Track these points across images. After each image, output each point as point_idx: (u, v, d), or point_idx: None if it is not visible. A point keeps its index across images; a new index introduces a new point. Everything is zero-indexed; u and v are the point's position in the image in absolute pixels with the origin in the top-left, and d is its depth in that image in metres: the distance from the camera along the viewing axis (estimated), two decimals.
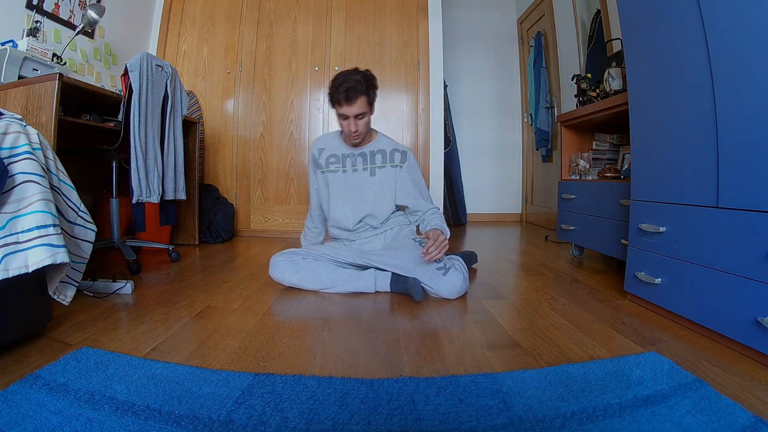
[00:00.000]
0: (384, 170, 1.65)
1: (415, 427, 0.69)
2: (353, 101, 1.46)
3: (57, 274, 1.04)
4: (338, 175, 1.66)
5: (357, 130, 1.53)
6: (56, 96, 1.49)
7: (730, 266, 1.00)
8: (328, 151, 1.69)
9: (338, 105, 1.49)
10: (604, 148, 2.07)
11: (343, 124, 1.54)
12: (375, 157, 1.65)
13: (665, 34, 1.22)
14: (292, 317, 1.25)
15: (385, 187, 1.65)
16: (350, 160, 1.66)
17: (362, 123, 1.53)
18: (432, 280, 1.41)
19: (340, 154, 1.67)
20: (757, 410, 0.73)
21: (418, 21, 2.91)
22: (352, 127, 1.52)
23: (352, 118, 1.50)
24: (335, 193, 1.67)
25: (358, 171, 1.65)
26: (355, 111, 1.48)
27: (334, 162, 1.67)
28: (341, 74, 1.50)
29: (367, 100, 1.50)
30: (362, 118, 1.52)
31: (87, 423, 0.67)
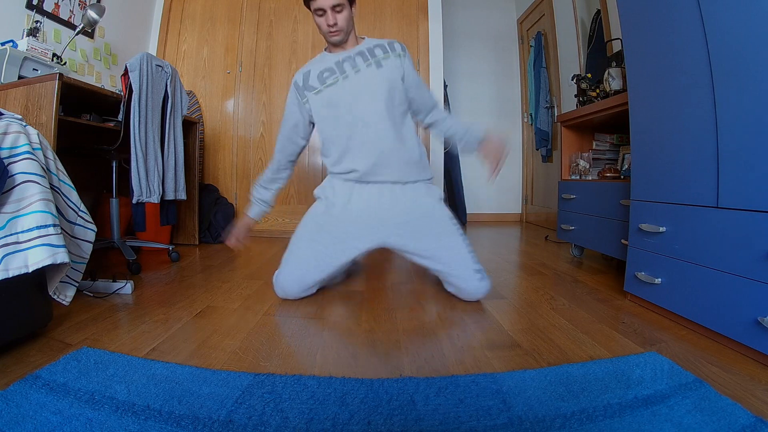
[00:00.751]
0: (389, 60, 1.42)
1: (415, 427, 0.69)
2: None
3: (57, 274, 1.04)
4: (339, 84, 1.41)
5: (336, 23, 1.34)
6: (56, 96, 1.49)
7: (730, 266, 1.00)
8: (316, 69, 1.45)
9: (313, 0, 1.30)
10: (604, 148, 2.07)
11: (320, 21, 1.36)
12: (374, 51, 1.42)
13: (665, 34, 1.22)
14: (292, 317, 1.25)
15: (396, 79, 1.41)
16: (348, 63, 1.41)
17: (341, 17, 1.34)
18: (466, 281, 1.34)
19: (332, 64, 1.42)
20: (757, 410, 0.73)
21: (418, 21, 2.91)
22: (330, 20, 1.33)
23: (329, 10, 1.31)
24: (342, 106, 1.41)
25: (362, 70, 1.40)
26: (332, 2, 1.30)
27: (329, 74, 1.42)
28: None
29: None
30: (341, 11, 1.33)
31: (87, 423, 0.67)
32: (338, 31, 1.37)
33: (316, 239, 1.41)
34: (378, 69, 1.40)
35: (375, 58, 1.41)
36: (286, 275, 1.40)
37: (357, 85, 1.40)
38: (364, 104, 1.39)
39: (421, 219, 1.42)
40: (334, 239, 1.40)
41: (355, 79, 1.40)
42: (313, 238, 1.42)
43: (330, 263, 1.39)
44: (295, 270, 1.39)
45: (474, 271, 1.35)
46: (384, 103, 1.39)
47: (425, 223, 1.41)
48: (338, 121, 1.42)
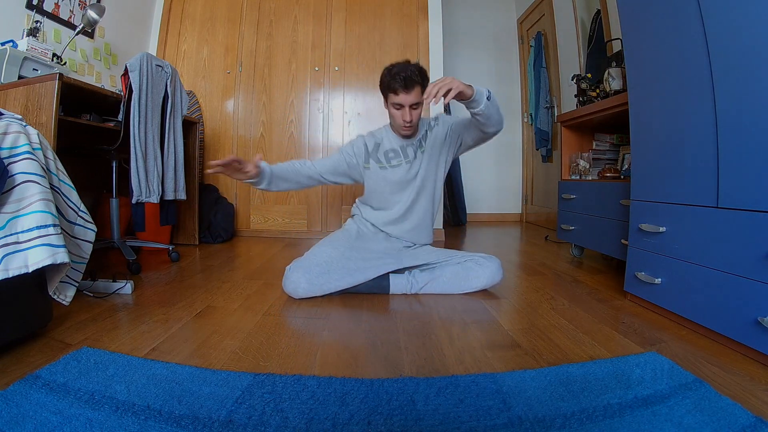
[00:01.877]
0: (428, 140, 1.63)
1: (415, 427, 0.69)
2: (411, 89, 1.45)
3: (57, 274, 1.04)
4: (403, 167, 1.63)
5: (411, 120, 1.50)
6: (56, 96, 1.49)
7: (730, 266, 1.00)
8: (385, 146, 1.65)
9: (394, 93, 1.46)
10: (604, 148, 2.07)
11: (396, 114, 1.51)
12: (425, 137, 1.64)
13: (665, 34, 1.22)
14: (292, 317, 1.25)
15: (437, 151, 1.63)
16: (411, 149, 1.63)
17: (416, 113, 1.51)
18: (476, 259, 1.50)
19: (398, 147, 1.64)
20: (757, 410, 0.73)
21: (418, 21, 2.91)
22: (407, 117, 1.49)
23: (407, 107, 1.48)
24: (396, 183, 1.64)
25: (418, 157, 1.63)
26: (412, 100, 1.46)
27: (394, 156, 1.64)
28: (395, 65, 1.48)
29: (422, 90, 1.46)
30: (416, 108, 1.50)
31: (87, 423, 0.67)
32: (411, 128, 1.55)
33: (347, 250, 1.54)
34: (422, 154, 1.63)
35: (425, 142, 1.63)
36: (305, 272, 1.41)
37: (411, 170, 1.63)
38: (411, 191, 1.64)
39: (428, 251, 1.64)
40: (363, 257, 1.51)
41: (412, 162, 1.63)
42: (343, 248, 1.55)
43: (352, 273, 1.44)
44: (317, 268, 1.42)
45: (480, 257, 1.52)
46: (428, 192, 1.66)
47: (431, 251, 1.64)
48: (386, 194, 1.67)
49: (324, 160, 1.68)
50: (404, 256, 1.55)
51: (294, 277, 1.41)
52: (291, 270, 1.43)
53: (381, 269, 1.46)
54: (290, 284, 1.41)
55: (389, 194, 1.66)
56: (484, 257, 1.52)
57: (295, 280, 1.40)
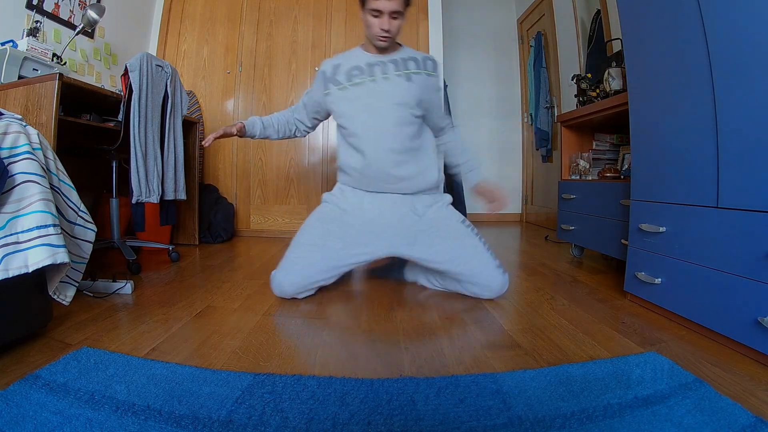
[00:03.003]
0: (420, 77, 1.44)
1: (415, 427, 0.69)
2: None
3: (57, 274, 1.04)
4: (366, 86, 1.42)
5: (389, 30, 1.34)
6: (56, 96, 1.49)
7: (730, 266, 1.00)
8: (347, 64, 1.46)
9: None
10: (604, 148, 2.07)
11: (374, 22, 1.34)
12: (408, 64, 1.44)
13: (665, 34, 1.22)
14: (292, 317, 1.25)
15: (419, 97, 1.43)
16: (379, 68, 1.42)
17: (396, 24, 1.35)
18: (489, 278, 1.37)
19: (364, 64, 1.44)
20: (757, 410, 0.73)
21: (418, 21, 2.91)
22: (385, 25, 1.33)
23: (386, 14, 1.31)
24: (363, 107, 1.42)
25: (391, 78, 1.42)
26: (392, 6, 1.30)
27: (359, 74, 1.43)
28: None
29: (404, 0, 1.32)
30: (396, 18, 1.34)
31: (87, 423, 0.67)
32: (388, 38, 1.37)
33: (325, 243, 1.41)
34: (407, 82, 1.42)
35: (407, 71, 1.43)
36: (287, 274, 1.38)
37: (382, 92, 1.42)
38: (385, 111, 1.41)
39: (433, 227, 1.44)
40: (345, 245, 1.40)
41: (382, 84, 1.42)
42: (321, 242, 1.41)
43: (336, 266, 1.40)
44: (299, 270, 1.38)
45: (496, 267, 1.39)
46: (404, 115, 1.41)
47: (437, 231, 1.43)
48: (354, 121, 1.44)
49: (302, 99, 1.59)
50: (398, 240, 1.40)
51: (278, 278, 1.39)
52: (276, 271, 1.41)
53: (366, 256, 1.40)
54: (276, 287, 1.40)
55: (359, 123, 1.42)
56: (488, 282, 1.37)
57: (279, 281, 1.38)
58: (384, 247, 1.41)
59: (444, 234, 1.42)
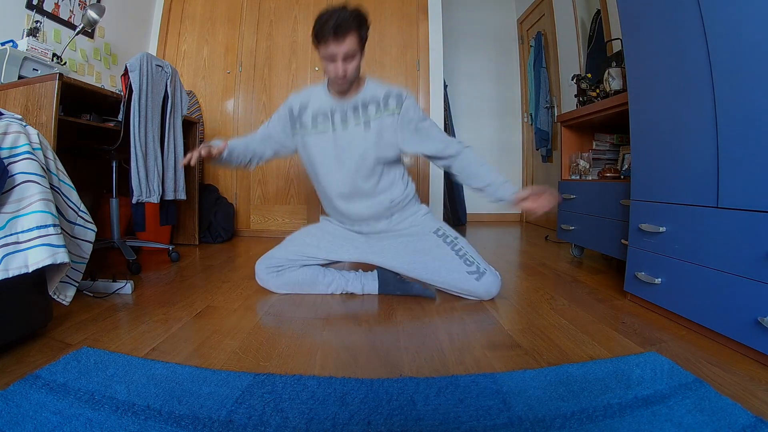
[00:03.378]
0: (379, 121, 1.39)
1: (415, 427, 0.69)
2: (342, 37, 1.23)
3: (57, 274, 1.04)
4: (328, 136, 1.41)
5: (345, 74, 1.30)
6: (56, 96, 1.49)
7: (730, 266, 1.00)
8: (313, 107, 1.43)
9: (324, 43, 1.25)
10: (604, 148, 2.07)
11: (329, 67, 1.30)
12: (368, 109, 1.40)
13: (665, 34, 1.22)
14: (292, 317, 1.25)
15: (384, 141, 1.40)
16: (339, 116, 1.40)
17: (351, 66, 1.30)
18: (464, 283, 1.37)
19: (328, 110, 1.41)
20: (757, 410, 0.73)
21: (418, 21, 2.91)
22: (339, 70, 1.28)
23: (340, 59, 1.26)
24: (325, 159, 1.43)
25: (350, 127, 1.40)
26: (345, 49, 1.25)
27: (323, 121, 1.41)
28: (327, 10, 1.25)
29: (358, 37, 1.27)
30: (351, 61, 1.29)
31: (87, 423, 0.67)
32: (345, 81, 1.34)
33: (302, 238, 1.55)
34: (365, 131, 1.40)
35: (366, 117, 1.40)
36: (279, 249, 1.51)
37: (341, 143, 1.42)
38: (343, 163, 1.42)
39: (403, 239, 1.47)
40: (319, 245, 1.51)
41: (341, 135, 1.41)
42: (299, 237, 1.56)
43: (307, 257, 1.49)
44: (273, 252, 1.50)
45: (468, 274, 1.37)
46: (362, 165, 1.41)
47: (406, 243, 1.45)
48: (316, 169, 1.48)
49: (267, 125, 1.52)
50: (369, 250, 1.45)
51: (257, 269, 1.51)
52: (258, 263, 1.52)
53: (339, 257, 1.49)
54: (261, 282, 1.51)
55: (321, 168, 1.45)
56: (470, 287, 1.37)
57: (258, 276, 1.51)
58: (354, 254, 1.48)
59: (412, 247, 1.43)
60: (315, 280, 1.46)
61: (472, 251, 1.43)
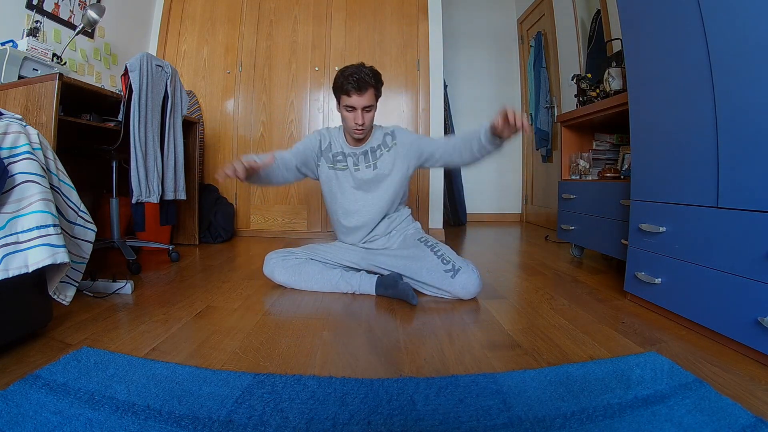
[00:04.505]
0: (383, 159, 1.59)
1: (415, 427, 0.69)
2: (363, 92, 1.43)
3: (57, 274, 1.04)
4: (347, 173, 1.61)
5: (363, 124, 1.48)
6: (56, 96, 1.49)
7: (730, 266, 1.00)
8: (335, 147, 1.62)
9: (346, 95, 1.44)
10: (604, 148, 2.07)
11: (349, 117, 1.48)
12: (375, 153, 1.60)
13: (665, 34, 1.22)
14: (292, 317, 1.25)
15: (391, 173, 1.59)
16: (352, 160, 1.60)
17: (369, 117, 1.48)
18: (442, 282, 1.41)
19: (345, 152, 1.61)
20: (757, 410, 0.73)
21: (418, 21, 2.91)
22: (359, 120, 1.46)
23: (360, 110, 1.45)
24: (343, 193, 1.62)
25: (361, 170, 1.60)
26: (364, 102, 1.44)
27: (341, 160, 1.61)
28: (349, 66, 1.46)
29: (375, 93, 1.47)
30: (369, 111, 1.48)
31: (87, 423, 0.67)
32: (363, 131, 1.51)
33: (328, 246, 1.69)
34: (373, 171, 1.59)
35: (375, 160, 1.60)
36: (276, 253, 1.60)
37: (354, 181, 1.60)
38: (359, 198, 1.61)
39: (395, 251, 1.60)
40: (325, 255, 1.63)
41: (357, 175, 1.60)
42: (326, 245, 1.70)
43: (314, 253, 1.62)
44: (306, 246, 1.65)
45: (444, 272, 1.41)
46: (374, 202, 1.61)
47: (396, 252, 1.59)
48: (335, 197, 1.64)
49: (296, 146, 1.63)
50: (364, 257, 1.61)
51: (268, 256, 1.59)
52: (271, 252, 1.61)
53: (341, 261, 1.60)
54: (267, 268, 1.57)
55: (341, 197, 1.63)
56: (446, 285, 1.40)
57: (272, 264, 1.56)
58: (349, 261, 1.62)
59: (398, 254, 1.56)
60: (319, 272, 1.53)
61: (449, 252, 1.50)
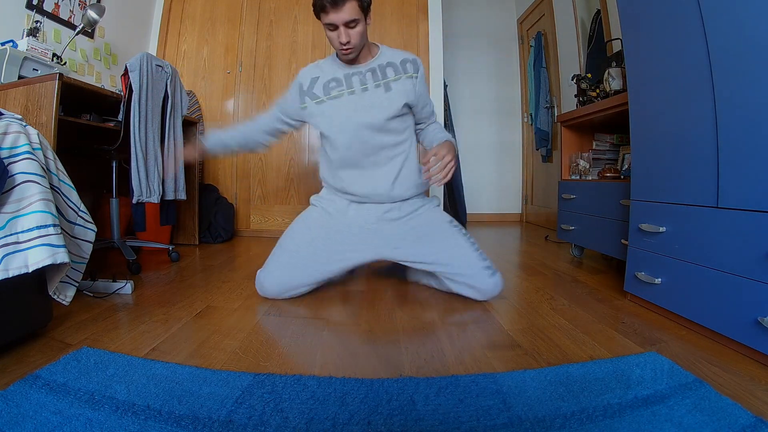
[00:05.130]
0: (399, 82, 1.39)
1: (415, 427, 0.69)
2: (342, 5, 1.20)
3: (57, 274, 1.04)
4: (344, 99, 1.38)
5: (349, 41, 1.27)
6: (56, 96, 1.49)
7: (730, 266, 1.00)
8: (325, 77, 1.42)
9: (324, 13, 1.24)
10: (604, 148, 2.07)
11: (332, 36, 1.28)
12: (386, 71, 1.39)
13: (665, 34, 1.22)
14: (292, 317, 1.25)
15: (402, 103, 1.38)
16: (358, 78, 1.38)
17: (355, 33, 1.27)
18: (477, 278, 1.33)
19: (341, 75, 1.40)
20: (757, 410, 0.73)
21: (418, 21, 2.91)
22: (343, 37, 1.26)
23: (341, 26, 1.24)
24: (343, 121, 1.39)
25: (369, 89, 1.38)
26: (345, 17, 1.22)
27: (336, 86, 1.39)
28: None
29: (358, 4, 1.23)
30: (354, 26, 1.26)
31: (87, 423, 0.67)
32: (351, 49, 1.31)
33: (310, 251, 1.40)
34: (386, 92, 1.38)
35: (385, 80, 1.39)
36: (269, 275, 1.40)
37: (361, 104, 1.38)
38: (364, 124, 1.38)
39: (419, 228, 1.42)
40: (330, 252, 1.40)
41: (360, 96, 1.39)
42: (306, 250, 1.40)
43: (321, 271, 1.40)
44: (280, 275, 1.39)
45: (483, 268, 1.34)
46: (385, 126, 1.38)
47: (424, 232, 1.41)
48: (335, 134, 1.41)
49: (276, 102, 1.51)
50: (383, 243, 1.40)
51: (260, 280, 1.41)
52: (258, 272, 1.43)
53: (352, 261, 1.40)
54: (258, 287, 1.42)
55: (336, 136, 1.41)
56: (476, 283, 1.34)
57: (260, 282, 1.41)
58: (369, 252, 1.41)
59: (430, 235, 1.40)
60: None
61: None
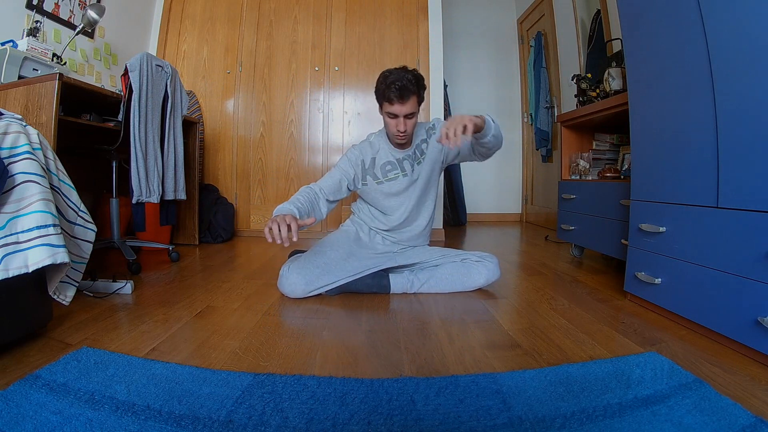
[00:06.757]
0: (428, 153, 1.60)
1: (415, 427, 0.69)
2: (406, 100, 1.41)
3: (57, 274, 1.04)
4: (398, 180, 1.60)
5: (405, 131, 1.48)
6: (56, 96, 1.49)
7: (730, 266, 1.00)
8: (381, 158, 1.61)
9: (389, 103, 1.43)
10: (604, 148, 2.07)
11: (391, 123, 1.48)
12: (421, 149, 1.61)
13: (665, 34, 1.22)
14: (292, 317, 1.25)
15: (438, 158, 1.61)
16: (408, 162, 1.60)
17: (411, 123, 1.48)
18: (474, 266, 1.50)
19: (394, 159, 1.60)
20: (757, 410, 0.73)
21: (418, 21, 2.91)
22: (401, 126, 1.46)
23: (402, 117, 1.44)
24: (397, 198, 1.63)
25: (415, 168, 1.61)
26: (407, 110, 1.43)
27: (392, 169, 1.60)
28: (392, 71, 1.44)
29: (417, 99, 1.45)
30: (411, 118, 1.47)
31: (87, 423, 0.67)
32: (405, 136, 1.51)
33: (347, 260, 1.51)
34: (419, 166, 1.61)
35: (422, 156, 1.61)
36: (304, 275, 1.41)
37: (409, 182, 1.61)
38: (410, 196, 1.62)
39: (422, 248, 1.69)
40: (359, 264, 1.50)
41: (411, 177, 1.61)
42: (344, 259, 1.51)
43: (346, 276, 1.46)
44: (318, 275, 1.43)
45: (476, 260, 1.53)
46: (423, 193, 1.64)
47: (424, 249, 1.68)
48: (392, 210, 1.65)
49: (325, 180, 1.59)
50: (400, 256, 1.59)
51: (293, 279, 1.41)
52: (289, 271, 1.43)
53: (376, 267, 1.48)
54: (288, 285, 1.41)
55: (388, 204, 1.64)
56: (481, 255, 1.54)
57: (293, 281, 1.41)
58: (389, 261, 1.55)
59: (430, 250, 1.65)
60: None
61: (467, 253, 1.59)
